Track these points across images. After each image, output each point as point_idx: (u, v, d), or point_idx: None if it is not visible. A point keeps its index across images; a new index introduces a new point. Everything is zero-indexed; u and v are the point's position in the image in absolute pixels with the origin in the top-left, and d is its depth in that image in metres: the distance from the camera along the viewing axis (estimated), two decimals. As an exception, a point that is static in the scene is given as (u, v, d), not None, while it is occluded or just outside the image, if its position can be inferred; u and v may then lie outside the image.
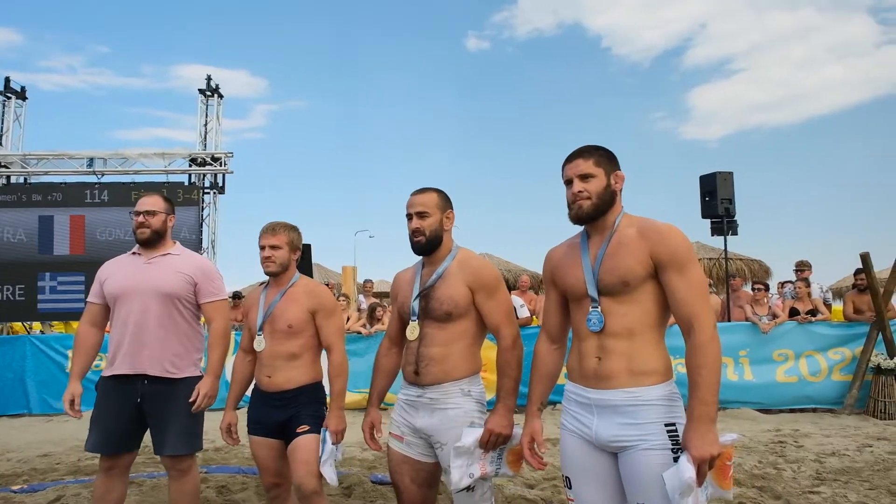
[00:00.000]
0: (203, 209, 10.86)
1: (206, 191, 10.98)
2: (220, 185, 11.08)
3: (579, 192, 1.94)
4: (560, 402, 2.06)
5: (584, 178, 1.94)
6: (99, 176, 10.66)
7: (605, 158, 1.98)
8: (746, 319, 7.88)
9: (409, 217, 2.43)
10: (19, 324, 11.66)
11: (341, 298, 8.86)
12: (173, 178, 10.84)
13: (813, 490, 4.13)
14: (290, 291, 2.81)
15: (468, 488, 2.24)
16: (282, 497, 2.80)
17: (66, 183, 10.42)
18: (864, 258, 7.43)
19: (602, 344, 1.88)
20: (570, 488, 1.97)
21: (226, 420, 2.96)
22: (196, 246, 9.99)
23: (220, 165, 10.91)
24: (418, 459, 2.36)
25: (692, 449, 1.66)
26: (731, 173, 8.37)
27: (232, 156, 10.99)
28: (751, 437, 6.16)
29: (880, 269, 8.55)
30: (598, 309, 1.90)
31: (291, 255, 2.84)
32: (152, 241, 3.01)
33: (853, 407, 7.31)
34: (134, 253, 3.11)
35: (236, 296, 11.44)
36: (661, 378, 1.84)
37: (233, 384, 2.98)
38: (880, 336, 7.27)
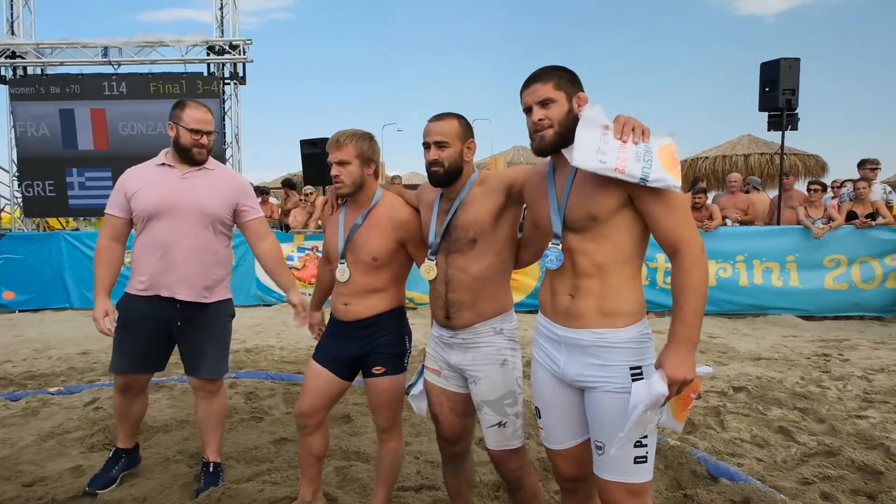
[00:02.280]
0: (224, 101, 10.44)
1: (226, 81, 10.49)
2: (241, 74, 10.55)
3: (540, 120, 1.81)
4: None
5: (544, 104, 1.81)
6: (115, 66, 10.23)
7: (566, 80, 1.83)
8: (798, 222, 7.38)
9: (427, 146, 2.20)
10: (55, 220, 11.82)
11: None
12: (191, 69, 10.35)
13: (860, 414, 3.91)
14: (373, 214, 2.45)
15: (500, 424, 2.22)
16: (310, 430, 2.59)
17: (83, 74, 10.04)
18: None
19: (575, 282, 1.83)
20: (539, 418, 2.02)
21: (312, 321, 2.80)
22: (219, 141, 9.70)
23: (239, 54, 10.32)
24: (455, 391, 2.35)
25: (667, 368, 1.64)
26: (797, 60, 7.48)
27: (251, 43, 10.37)
28: (792, 347, 5.92)
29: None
30: (559, 247, 1.85)
31: (366, 170, 2.43)
32: (203, 161, 2.89)
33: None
34: (163, 164, 2.91)
35: (262, 191, 11.28)
36: (632, 319, 1.79)
37: (316, 290, 2.79)
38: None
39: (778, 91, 7.42)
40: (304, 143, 9.62)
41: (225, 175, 2.99)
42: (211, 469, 3.03)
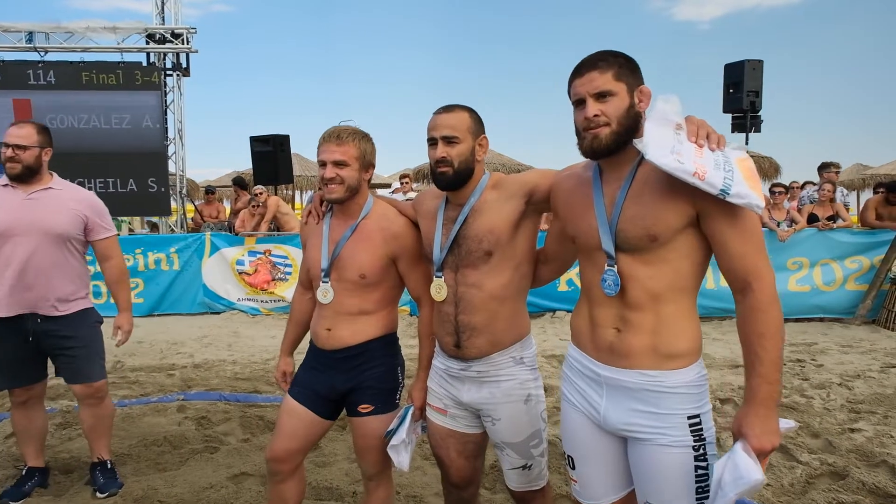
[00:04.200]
0: (166, 94, 9.73)
1: (167, 73, 9.78)
2: (184, 65, 9.85)
3: (595, 116, 1.51)
4: (559, 310, 1.54)
5: (601, 97, 1.52)
6: (42, 53, 9.35)
7: (628, 70, 1.55)
8: (763, 225, 7.38)
9: (433, 142, 1.89)
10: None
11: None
12: (129, 58, 9.58)
13: (853, 427, 3.80)
14: (363, 225, 2.11)
15: (525, 466, 1.96)
16: (283, 476, 2.20)
17: (4, 61, 9.13)
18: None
19: (622, 314, 1.55)
20: (573, 468, 1.74)
21: (280, 366, 2.41)
22: (161, 136, 9.01)
23: (182, 43, 9.62)
24: (465, 432, 2.05)
25: (753, 438, 1.39)
26: (760, 62, 7.50)
27: (195, 32, 9.69)
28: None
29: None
30: (615, 269, 1.54)
31: (363, 175, 2.09)
32: (25, 177, 2.77)
33: (864, 317, 7.05)
34: (7, 185, 2.81)
35: (209, 191, 10.62)
36: (689, 359, 1.53)
37: (290, 325, 2.43)
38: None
39: (742, 93, 7.42)
40: (255, 141, 9.05)
41: (75, 192, 2.91)
42: (108, 466, 3.08)
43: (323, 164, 2.04)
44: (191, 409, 4.26)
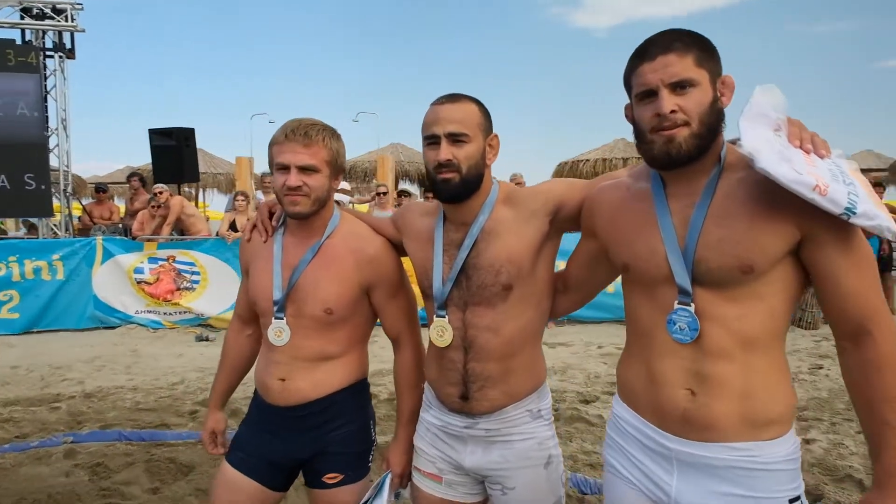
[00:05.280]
0: (46, 77, 8.53)
1: (48, 53, 8.58)
2: (68, 46, 8.69)
3: (673, 112, 1.18)
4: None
5: (680, 87, 1.19)
6: None
7: (709, 54, 1.22)
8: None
9: (432, 140, 1.50)
10: None
11: (239, 198, 7.38)
12: (0, 34, 8.30)
13: (807, 438, 3.76)
14: (329, 247, 1.67)
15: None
16: None
17: None
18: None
19: (699, 368, 1.22)
20: None
21: (209, 424, 1.89)
22: (40, 125, 7.86)
23: (66, 20, 8.47)
24: (464, 503, 1.66)
25: None
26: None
27: (81, 8, 8.55)
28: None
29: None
30: (692, 308, 1.21)
31: (332, 184, 1.66)
32: None
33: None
34: None
35: (100, 189, 9.48)
36: (786, 426, 1.24)
37: (221, 370, 1.91)
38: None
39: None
40: (155, 134, 8.13)
41: None
42: None
43: (283, 168, 1.58)
44: (82, 453, 3.55)
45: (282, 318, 1.65)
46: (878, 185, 8.14)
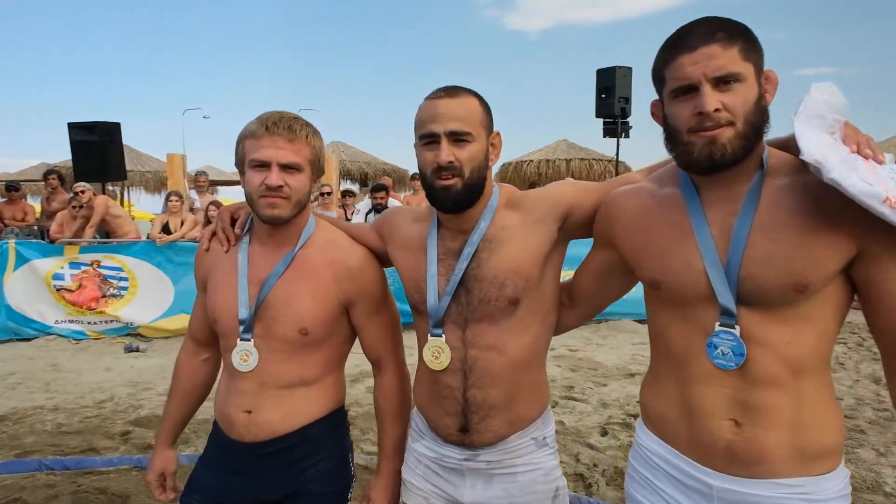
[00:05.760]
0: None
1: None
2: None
3: (717, 110, 1.05)
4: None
5: (724, 82, 1.06)
6: None
7: (754, 45, 1.10)
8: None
9: (430, 139, 1.32)
10: None
11: (173, 198, 6.90)
12: None
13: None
14: (304, 258, 1.47)
15: None
16: None
17: None
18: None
19: (744, 397, 1.11)
20: None
21: (156, 464, 1.63)
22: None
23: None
24: None
25: None
26: (629, 69, 7.72)
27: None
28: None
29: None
30: (736, 331, 1.09)
31: (312, 187, 1.46)
32: None
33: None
34: None
35: (11, 187, 8.69)
36: (837, 458, 1.14)
37: (172, 399, 1.66)
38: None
39: (614, 98, 7.56)
40: (75, 128, 7.51)
41: None
42: None
43: (261, 165, 1.37)
44: (-4, 487, 3.14)
45: (248, 340, 1.43)
46: None
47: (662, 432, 1.24)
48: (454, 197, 1.31)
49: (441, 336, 1.36)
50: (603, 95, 7.65)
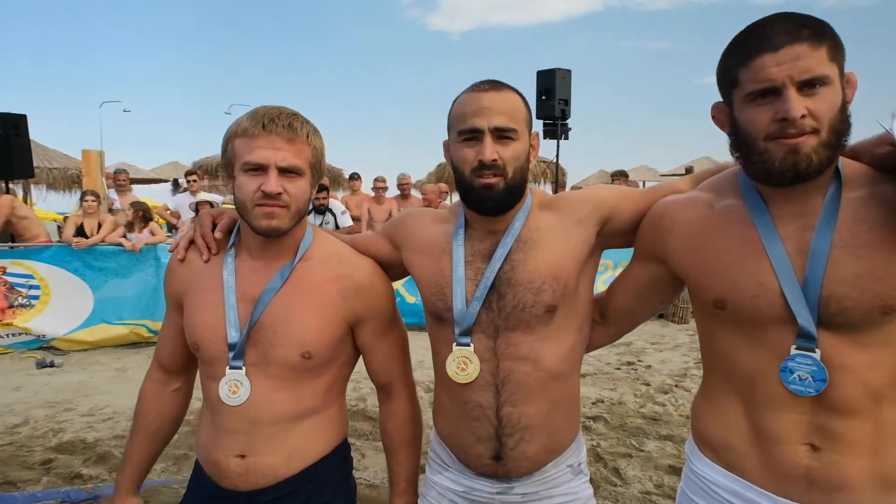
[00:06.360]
0: None
1: None
2: None
3: (803, 117, 0.96)
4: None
5: (810, 86, 0.97)
6: None
7: (838, 44, 1.01)
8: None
9: (472, 135, 1.21)
10: None
11: (89, 198, 6.34)
12: None
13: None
14: (303, 273, 1.30)
15: None
16: None
17: None
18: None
19: (822, 422, 1.05)
20: None
21: None
22: None
23: None
24: None
25: None
26: (569, 71, 7.80)
27: None
28: (597, 356, 6.00)
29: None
30: (816, 355, 1.02)
31: (313, 192, 1.29)
32: None
33: (654, 314, 7.80)
34: None
35: None
36: None
37: (135, 437, 1.44)
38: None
39: (554, 100, 7.63)
40: (-25, 119, 6.75)
41: None
42: None
43: (257, 168, 1.19)
44: None
45: (240, 369, 1.24)
46: None
47: (727, 461, 1.16)
48: (496, 197, 1.21)
49: (469, 345, 1.24)
50: (543, 97, 7.70)
